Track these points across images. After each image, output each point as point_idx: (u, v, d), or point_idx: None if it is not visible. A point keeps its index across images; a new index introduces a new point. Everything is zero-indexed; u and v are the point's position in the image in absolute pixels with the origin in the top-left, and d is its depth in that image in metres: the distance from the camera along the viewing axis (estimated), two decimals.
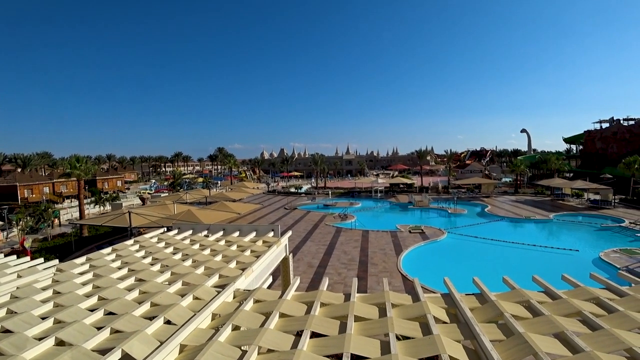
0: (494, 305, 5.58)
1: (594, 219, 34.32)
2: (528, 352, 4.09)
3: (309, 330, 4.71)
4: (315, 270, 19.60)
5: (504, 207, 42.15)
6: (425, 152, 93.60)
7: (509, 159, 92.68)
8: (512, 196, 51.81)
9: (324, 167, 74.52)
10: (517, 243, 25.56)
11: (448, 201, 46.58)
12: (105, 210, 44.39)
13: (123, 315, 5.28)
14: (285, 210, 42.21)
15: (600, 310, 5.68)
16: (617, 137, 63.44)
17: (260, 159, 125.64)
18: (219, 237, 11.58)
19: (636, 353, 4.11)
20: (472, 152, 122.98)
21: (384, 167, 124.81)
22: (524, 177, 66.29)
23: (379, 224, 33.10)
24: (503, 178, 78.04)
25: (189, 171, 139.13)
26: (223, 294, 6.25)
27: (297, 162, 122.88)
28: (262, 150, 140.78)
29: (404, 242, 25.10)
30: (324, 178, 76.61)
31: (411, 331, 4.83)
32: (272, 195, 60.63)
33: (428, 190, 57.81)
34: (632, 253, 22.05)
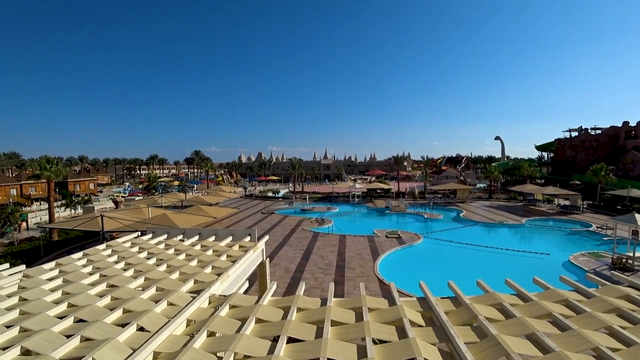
0: (468, 308, 5.67)
1: (564, 224, 35.39)
2: (501, 354, 4.18)
3: (286, 336, 4.68)
4: (292, 275, 19.51)
5: (479, 212, 43.00)
6: (402, 157, 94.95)
7: (483, 166, 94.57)
8: (486, 201, 52.92)
9: (301, 171, 74.46)
10: (491, 247, 26.08)
11: (424, 206, 47.16)
12: (76, 213, 43.16)
13: (94, 322, 5.12)
14: (262, 215, 41.93)
15: (569, 311, 5.88)
16: (585, 146, 65.79)
17: (237, 162, 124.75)
18: (194, 242, 11.40)
19: (602, 352, 4.28)
20: (448, 158, 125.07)
21: (362, 172, 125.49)
22: (498, 183, 67.81)
23: (356, 228, 33.26)
24: (478, 184, 79.58)
25: (165, 174, 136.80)
26: (198, 299, 6.15)
27: (275, 166, 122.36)
28: (239, 153, 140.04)
29: (381, 246, 25.27)
30: (301, 182, 76.53)
31: (387, 335, 4.85)
32: (250, 199, 60.18)
33: (405, 195, 58.42)
34: (599, 256, 22.84)
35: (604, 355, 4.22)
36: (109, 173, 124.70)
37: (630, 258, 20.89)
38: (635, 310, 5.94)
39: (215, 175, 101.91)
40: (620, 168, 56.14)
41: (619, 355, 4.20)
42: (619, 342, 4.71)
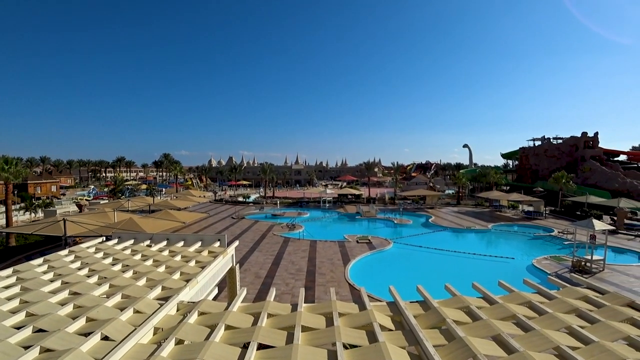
0: (436, 311, 5.78)
1: (528, 229, 36.60)
2: (468, 355, 4.28)
3: (256, 342, 4.63)
4: (262, 281, 19.33)
5: (447, 217, 43.90)
6: (373, 164, 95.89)
7: (452, 172, 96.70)
8: (454, 207, 54.11)
9: (272, 176, 74.05)
10: (459, 252, 26.68)
11: (394, 212, 47.82)
12: (37, 217, 41.31)
13: (55, 332, 4.90)
14: (232, 220, 41.40)
15: (532, 313, 6.09)
16: (547, 154, 68.46)
17: (208, 166, 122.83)
18: (162, 247, 11.13)
19: (563, 350, 4.48)
20: (417, 165, 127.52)
21: (333, 178, 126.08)
22: (466, 190, 69.48)
23: (327, 234, 33.29)
24: (446, 190, 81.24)
25: (132, 177, 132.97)
26: (166, 306, 6.00)
27: (245, 170, 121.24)
28: (210, 157, 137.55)
29: (352, 252, 25.39)
30: (272, 187, 76.11)
31: (358, 339, 4.88)
32: (220, 204, 59.31)
33: (375, 201, 58.99)
34: (560, 260, 23.77)
35: (565, 354, 4.41)
36: (72, 175, 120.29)
37: (588, 261, 21.84)
38: (592, 310, 6.22)
39: (184, 179, 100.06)
40: (579, 176, 58.65)
41: (578, 354, 4.40)
42: (578, 341, 4.93)
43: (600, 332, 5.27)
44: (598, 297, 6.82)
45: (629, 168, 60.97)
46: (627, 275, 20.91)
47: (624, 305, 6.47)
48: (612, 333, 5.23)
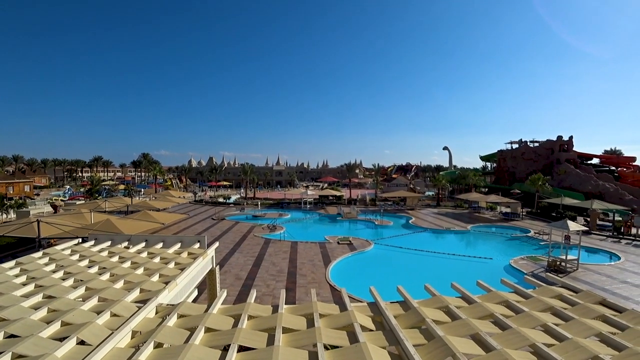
0: (416, 311, 5.84)
1: (506, 230, 37.40)
2: (447, 354, 4.35)
3: (236, 344, 4.59)
4: (243, 283, 19.20)
5: (427, 219, 44.45)
6: (354, 165, 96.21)
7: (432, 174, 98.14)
8: (434, 209, 54.83)
9: (253, 177, 73.60)
10: (439, 252, 27.06)
11: (375, 213, 48.15)
12: (9, 218, 40.08)
13: (28, 337, 4.75)
14: (212, 221, 41.00)
15: (510, 311, 6.23)
16: (524, 157, 70.02)
17: (188, 166, 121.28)
18: (140, 249, 10.93)
19: (538, 348, 4.61)
20: (398, 166, 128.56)
21: (314, 179, 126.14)
22: (445, 191, 70.43)
23: (308, 235, 33.31)
24: (426, 192, 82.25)
25: (110, 177, 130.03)
26: (144, 309, 5.89)
27: (226, 171, 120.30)
28: (190, 158, 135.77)
29: (332, 253, 25.46)
30: (253, 188, 75.66)
31: (339, 340, 4.89)
32: (200, 205, 58.65)
33: (356, 202, 59.29)
34: (536, 260, 24.37)
35: (540, 351, 4.53)
36: (47, 175, 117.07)
37: (563, 261, 22.45)
38: (566, 308, 6.40)
39: (164, 179, 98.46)
40: (555, 178, 60.16)
41: (552, 350, 4.52)
42: (553, 338, 5.07)
43: (574, 329, 5.42)
44: (572, 296, 7.01)
45: (601, 171, 62.82)
46: (599, 274, 21.56)
47: (596, 303, 6.67)
48: (585, 330, 5.39)
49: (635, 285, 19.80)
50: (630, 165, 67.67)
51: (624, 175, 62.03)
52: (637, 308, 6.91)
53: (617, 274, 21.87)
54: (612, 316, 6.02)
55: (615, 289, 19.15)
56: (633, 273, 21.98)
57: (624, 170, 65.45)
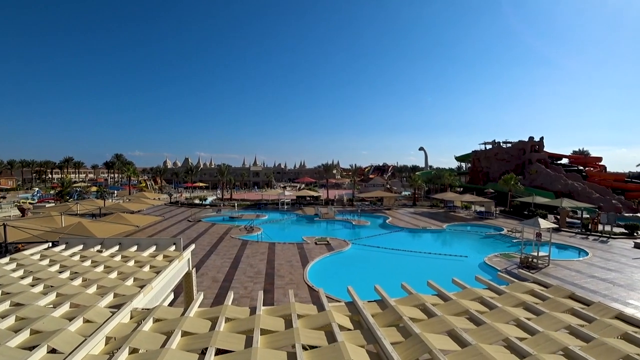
0: (393, 310, 5.91)
1: (480, 228, 38.19)
2: (424, 350, 4.43)
3: (214, 347, 4.55)
4: (220, 285, 18.99)
5: (404, 218, 44.99)
6: (331, 166, 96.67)
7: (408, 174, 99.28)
8: (410, 208, 55.53)
9: (230, 178, 72.89)
10: (415, 251, 27.42)
11: (352, 213, 48.41)
12: None
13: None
14: (188, 223, 40.39)
15: (484, 307, 6.38)
16: (497, 158, 71.80)
17: (163, 167, 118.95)
18: (114, 252, 10.66)
19: (511, 341, 4.75)
20: (375, 167, 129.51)
21: (292, 180, 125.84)
22: (422, 191, 71.42)
23: (286, 236, 33.21)
24: (403, 192, 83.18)
25: (81, 179, 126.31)
26: (118, 314, 5.75)
27: (202, 172, 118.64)
28: (165, 158, 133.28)
29: (310, 253, 25.46)
30: (230, 189, 74.93)
31: (317, 340, 4.90)
32: (175, 206, 57.67)
33: (334, 202, 59.45)
34: (509, 257, 24.99)
35: (513, 345, 4.67)
36: (14, 177, 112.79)
37: (535, 257, 23.10)
38: (538, 303, 6.61)
39: (138, 180, 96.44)
40: (527, 178, 61.87)
41: (525, 344, 4.67)
42: (525, 332, 5.24)
43: (545, 322, 5.61)
44: (543, 291, 7.23)
45: (570, 170, 65.02)
46: (569, 270, 22.28)
47: (565, 297, 6.90)
48: (555, 323, 5.59)
49: (601, 279, 20.55)
50: (596, 165, 70.47)
51: (591, 175, 64.52)
52: (604, 301, 7.20)
53: (585, 269, 22.66)
54: (581, 309, 6.26)
55: (583, 283, 19.83)
56: (600, 268, 22.81)
57: (591, 170, 68.13)
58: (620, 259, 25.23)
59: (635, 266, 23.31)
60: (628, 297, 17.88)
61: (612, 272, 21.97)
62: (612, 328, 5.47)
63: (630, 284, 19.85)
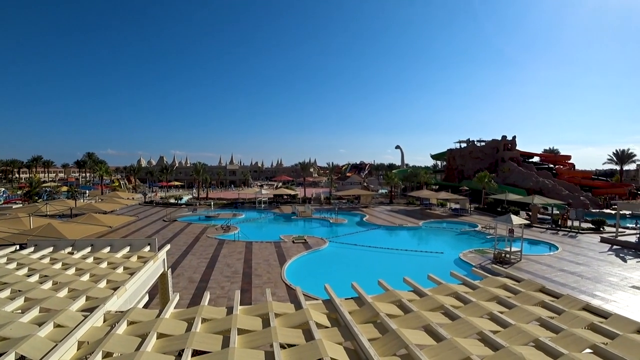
0: (370, 306, 5.97)
1: (455, 225, 38.96)
2: (401, 346, 4.50)
3: (190, 349, 4.49)
4: (197, 285, 18.77)
5: (381, 216, 45.41)
6: (308, 164, 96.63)
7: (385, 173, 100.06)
8: (387, 206, 56.09)
9: (206, 176, 71.95)
10: (392, 248, 27.72)
11: (330, 211, 48.57)
12: None
13: None
14: (163, 223, 39.70)
15: (458, 302, 6.52)
16: (472, 156, 73.15)
17: (137, 166, 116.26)
18: (86, 254, 10.38)
19: (485, 335, 4.88)
20: (352, 165, 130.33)
21: (269, 178, 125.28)
22: (398, 189, 72.22)
23: (263, 234, 33.08)
24: (380, 190, 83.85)
25: (51, 179, 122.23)
26: (91, 318, 5.60)
27: (177, 171, 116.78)
28: (139, 157, 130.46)
29: (288, 252, 25.43)
30: (206, 188, 74.01)
31: (295, 338, 4.90)
32: (150, 206, 56.57)
33: (311, 201, 59.49)
34: (483, 252, 25.58)
35: (487, 338, 4.81)
36: None
37: (507, 253, 23.73)
38: (510, 296, 6.80)
39: (111, 180, 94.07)
40: (500, 175, 63.28)
41: (498, 336, 4.80)
42: (498, 325, 5.39)
43: (517, 315, 5.79)
44: (515, 285, 7.43)
45: (541, 168, 66.96)
46: (540, 264, 22.97)
47: (536, 291, 7.11)
48: (526, 316, 5.77)
49: (570, 272, 21.27)
50: (566, 163, 72.92)
51: (561, 172, 66.71)
52: (572, 293, 7.46)
53: (556, 263, 23.41)
54: (550, 302, 6.47)
55: (553, 276, 20.49)
56: (569, 262, 23.60)
57: (561, 168, 70.45)
58: (587, 253, 26.17)
59: (601, 260, 24.23)
60: (595, 289, 18.58)
61: (581, 265, 22.77)
62: (579, 319, 5.68)
63: (596, 276, 20.62)
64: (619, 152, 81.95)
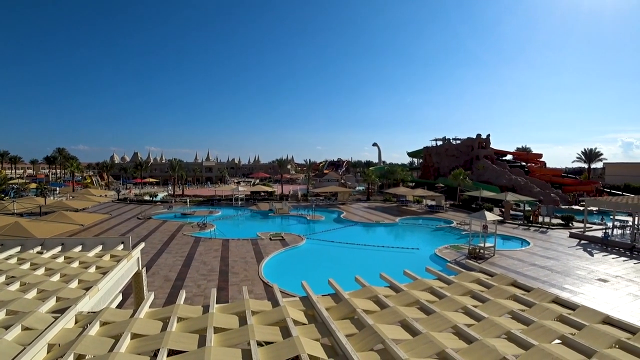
0: (347, 303, 6.01)
1: (431, 221, 39.58)
2: (378, 341, 4.55)
3: (166, 349, 4.42)
4: (172, 284, 18.49)
5: (358, 213, 45.73)
6: (286, 161, 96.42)
7: (362, 170, 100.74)
8: (364, 203, 56.51)
9: (182, 173, 70.85)
10: (369, 245, 27.98)
11: (307, 208, 48.58)
12: None
13: None
14: (138, 220, 38.91)
15: (434, 297, 6.65)
16: (447, 154, 74.38)
17: (110, 163, 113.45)
18: (56, 254, 10.07)
19: (460, 328, 5.02)
20: (330, 162, 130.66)
21: (246, 175, 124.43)
22: (375, 186, 72.80)
23: (240, 232, 32.84)
24: (357, 187, 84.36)
25: (19, 175, 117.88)
26: (62, 319, 5.43)
27: (152, 167, 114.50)
28: (112, 153, 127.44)
29: (265, 249, 25.33)
30: (182, 185, 72.90)
31: (272, 336, 4.90)
32: (123, 203, 55.32)
33: (288, 198, 59.38)
34: (458, 248, 26.10)
35: (461, 331, 4.93)
36: None
37: (481, 248, 24.28)
38: (484, 290, 6.98)
39: (82, 176, 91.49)
40: (475, 173, 64.61)
41: (472, 330, 4.93)
42: (472, 319, 5.54)
43: (490, 309, 5.95)
44: (488, 279, 7.62)
45: (514, 166, 68.74)
46: (512, 259, 23.60)
47: (508, 285, 7.32)
48: (499, 309, 5.95)
49: (541, 266, 21.95)
50: (537, 161, 75.26)
51: (533, 170, 68.69)
52: (543, 287, 7.70)
53: (527, 257, 24.10)
54: (522, 295, 6.68)
55: (525, 271, 21.10)
56: (540, 256, 24.34)
57: (533, 166, 72.53)
58: (557, 247, 27.06)
59: (570, 254, 25.09)
60: (564, 282, 19.24)
61: (551, 260, 23.52)
62: (549, 311, 5.90)
63: (565, 270, 21.35)
64: (587, 151, 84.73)
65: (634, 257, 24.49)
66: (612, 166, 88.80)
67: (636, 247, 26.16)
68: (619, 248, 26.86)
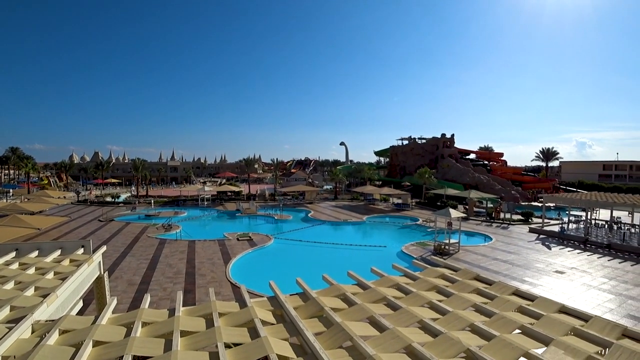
0: (315, 301, 6.04)
1: (398, 219, 40.25)
2: (346, 338, 4.61)
3: (130, 355, 4.30)
4: (137, 288, 17.96)
5: (326, 212, 45.93)
6: (253, 160, 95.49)
7: (329, 169, 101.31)
8: (332, 202, 56.83)
9: (146, 173, 69.02)
10: (336, 243, 28.16)
11: (275, 208, 48.36)
12: None
13: None
14: (99, 223, 37.54)
15: (400, 293, 6.79)
16: (413, 153, 75.92)
17: (69, 162, 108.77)
18: (9, 260, 9.57)
19: (425, 323, 5.18)
20: (297, 161, 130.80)
21: (212, 175, 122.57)
22: (343, 185, 73.33)
23: (206, 233, 32.31)
24: (325, 186, 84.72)
25: None
26: (17, 329, 5.16)
27: (114, 167, 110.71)
28: (71, 152, 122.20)
29: (232, 250, 25.03)
30: (145, 186, 70.97)
31: (240, 337, 4.86)
32: (84, 205, 53.21)
33: (255, 197, 58.89)
34: (424, 245, 26.67)
35: (427, 326, 5.07)
36: None
37: (447, 244, 24.91)
38: (448, 285, 7.19)
39: (39, 177, 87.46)
40: (439, 171, 66.20)
41: (437, 324, 5.09)
42: (437, 313, 5.71)
43: (454, 303, 6.15)
44: (452, 274, 7.85)
45: (477, 165, 70.99)
46: (476, 254, 24.35)
47: (472, 279, 7.57)
48: (463, 303, 6.15)
49: (503, 261, 22.77)
50: (498, 160, 78.20)
51: (494, 169, 71.29)
52: (505, 280, 8.00)
53: (490, 252, 24.94)
54: (484, 288, 6.93)
55: (488, 265, 21.82)
56: (501, 251, 25.26)
57: (494, 164, 75.16)
58: (518, 242, 28.16)
59: (529, 248, 26.17)
60: (524, 275, 20.05)
61: (512, 254, 24.45)
62: (510, 303, 6.15)
63: (525, 263, 22.25)
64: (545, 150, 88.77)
65: (587, 249, 25.84)
66: (568, 164, 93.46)
67: (589, 240, 27.59)
68: (574, 241, 28.22)
